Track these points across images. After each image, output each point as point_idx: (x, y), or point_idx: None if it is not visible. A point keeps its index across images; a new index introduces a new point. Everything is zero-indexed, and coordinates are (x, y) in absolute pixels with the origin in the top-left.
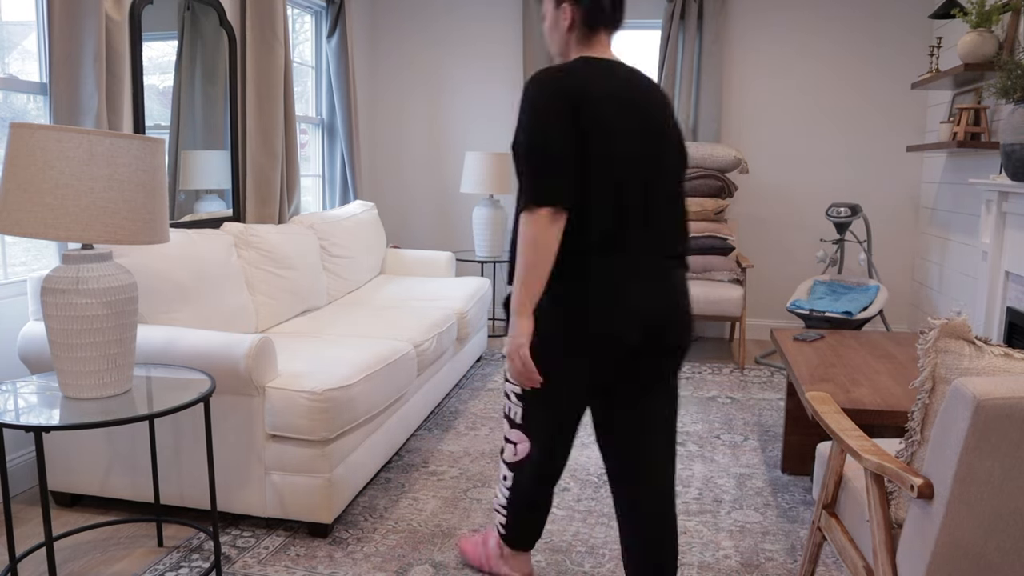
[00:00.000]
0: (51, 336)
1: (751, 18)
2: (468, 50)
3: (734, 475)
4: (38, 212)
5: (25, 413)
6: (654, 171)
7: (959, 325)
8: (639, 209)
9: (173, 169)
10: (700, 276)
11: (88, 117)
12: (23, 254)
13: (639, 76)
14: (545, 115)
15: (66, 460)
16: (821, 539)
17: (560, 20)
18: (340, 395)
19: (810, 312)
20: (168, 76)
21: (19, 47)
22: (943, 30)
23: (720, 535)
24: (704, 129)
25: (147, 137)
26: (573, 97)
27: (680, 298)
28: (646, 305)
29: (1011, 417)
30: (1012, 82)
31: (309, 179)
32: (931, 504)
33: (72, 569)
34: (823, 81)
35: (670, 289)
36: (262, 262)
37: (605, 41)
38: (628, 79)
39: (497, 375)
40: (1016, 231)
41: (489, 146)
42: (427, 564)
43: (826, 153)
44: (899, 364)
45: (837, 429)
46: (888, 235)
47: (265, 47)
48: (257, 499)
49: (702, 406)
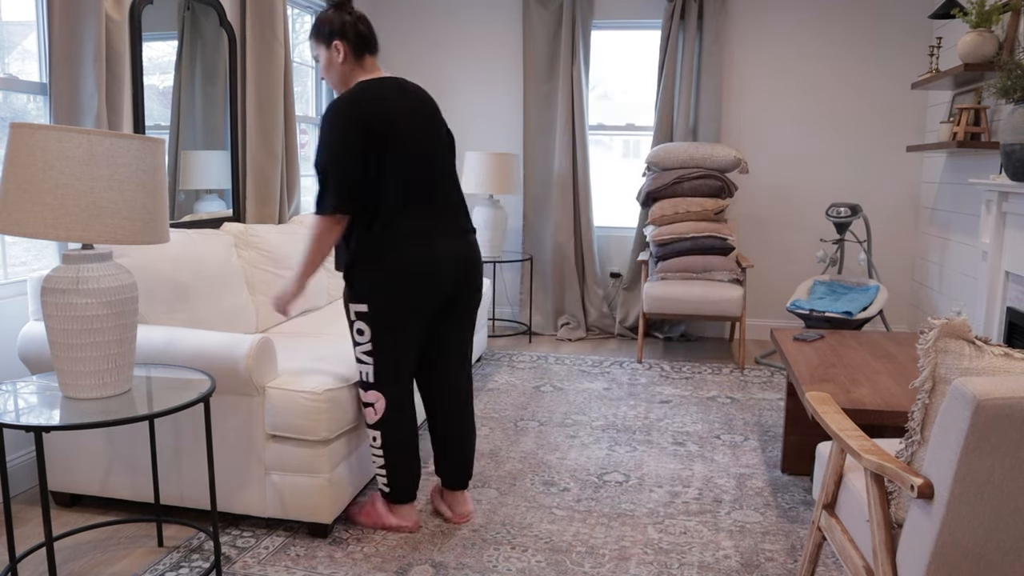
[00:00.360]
0: (51, 336)
1: (751, 18)
2: (468, 51)
3: (734, 475)
4: (38, 212)
5: (25, 413)
6: (433, 158)
7: (959, 325)
8: (425, 189)
9: (173, 169)
10: (700, 276)
11: (88, 117)
12: (23, 254)
13: (407, 83)
14: (341, 143)
15: (66, 460)
16: (821, 539)
17: (334, 57)
18: (340, 395)
19: (810, 312)
20: (168, 76)
21: (19, 47)
22: (943, 30)
23: (720, 535)
24: (704, 129)
25: (147, 137)
26: (363, 120)
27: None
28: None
29: (1011, 417)
30: (1012, 82)
31: (309, 179)
32: (931, 504)
33: (72, 569)
34: (823, 81)
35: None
36: (262, 262)
37: (372, 62)
38: (401, 87)
39: (497, 375)
40: (1016, 231)
41: (489, 146)
42: (427, 564)
43: (826, 153)
44: (899, 364)
45: (837, 429)
46: (888, 235)
47: (265, 47)
48: (257, 499)
49: (702, 406)
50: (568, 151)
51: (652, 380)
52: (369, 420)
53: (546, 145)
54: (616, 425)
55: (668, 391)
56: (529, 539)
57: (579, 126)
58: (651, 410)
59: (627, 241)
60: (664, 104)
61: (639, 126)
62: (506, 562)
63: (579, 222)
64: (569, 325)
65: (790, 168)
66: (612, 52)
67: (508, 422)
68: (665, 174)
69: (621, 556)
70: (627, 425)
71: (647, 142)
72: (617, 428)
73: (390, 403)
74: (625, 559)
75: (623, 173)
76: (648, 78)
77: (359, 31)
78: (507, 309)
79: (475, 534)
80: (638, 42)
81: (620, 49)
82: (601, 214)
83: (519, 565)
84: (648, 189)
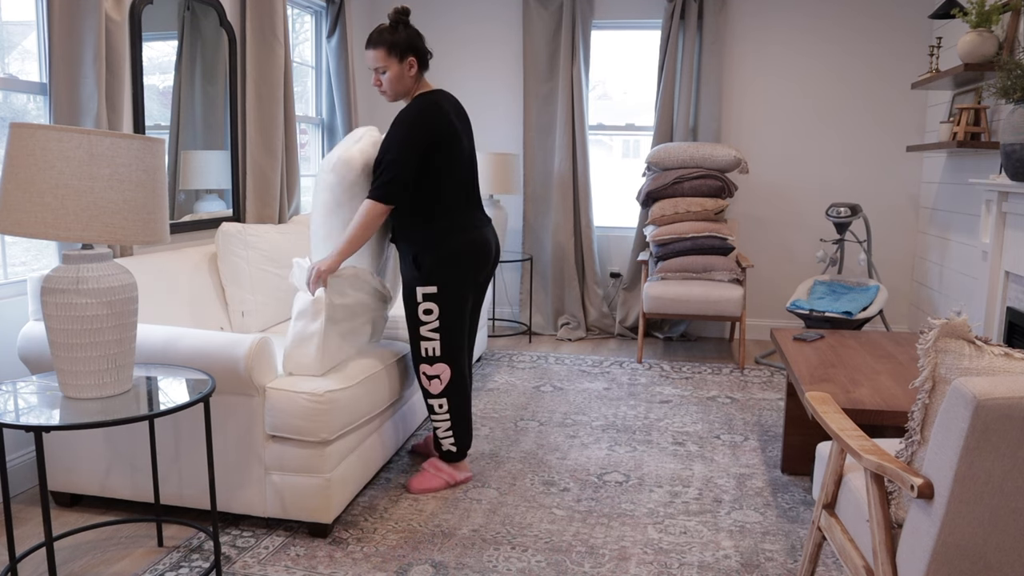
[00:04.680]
0: (51, 336)
1: (751, 18)
2: (468, 51)
3: (734, 475)
4: (38, 212)
5: (25, 413)
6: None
7: (959, 325)
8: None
9: (173, 169)
10: (700, 276)
11: (88, 117)
12: (23, 254)
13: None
14: (413, 145)
15: (66, 460)
16: (821, 539)
17: (406, 71)
18: (340, 396)
19: (810, 312)
20: (168, 76)
21: (19, 47)
22: (943, 30)
23: (720, 535)
24: (704, 129)
25: (147, 137)
26: (441, 125)
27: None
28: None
29: (1011, 417)
30: (1012, 82)
31: (309, 179)
32: (931, 504)
33: (72, 569)
34: (823, 81)
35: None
36: (262, 262)
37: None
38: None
39: (497, 375)
40: (1016, 231)
41: (489, 146)
42: (427, 564)
43: (826, 153)
44: (899, 364)
45: (837, 429)
46: (888, 235)
47: (265, 47)
48: (257, 499)
49: (702, 406)
50: (568, 151)
51: (652, 380)
52: (434, 391)
53: (546, 145)
54: (616, 425)
55: (668, 391)
56: (529, 539)
57: (579, 126)
58: (651, 410)
59: (627, 241)
60: (664, 104)
61: (639, 126)
62: (506, 562)
63: (579, 222)
64: (569, 325)
65: (790, 168)
66: (612, 52)
67: (508, 422)
68: (665, 174)
69: (621, 556)
70: (627, 425)
71: (647, 142)
72: (617, 428)
73: (455, 372)
74: (625, 559)
75: (623, 173)
76: (648, 78)
77: (425, 48)
78: (507, 309)
79: (475, 534)
80: (638, 42)
81: (620, 49)
82: (601, 214)
83: (519, 565)
84: (648, 189)
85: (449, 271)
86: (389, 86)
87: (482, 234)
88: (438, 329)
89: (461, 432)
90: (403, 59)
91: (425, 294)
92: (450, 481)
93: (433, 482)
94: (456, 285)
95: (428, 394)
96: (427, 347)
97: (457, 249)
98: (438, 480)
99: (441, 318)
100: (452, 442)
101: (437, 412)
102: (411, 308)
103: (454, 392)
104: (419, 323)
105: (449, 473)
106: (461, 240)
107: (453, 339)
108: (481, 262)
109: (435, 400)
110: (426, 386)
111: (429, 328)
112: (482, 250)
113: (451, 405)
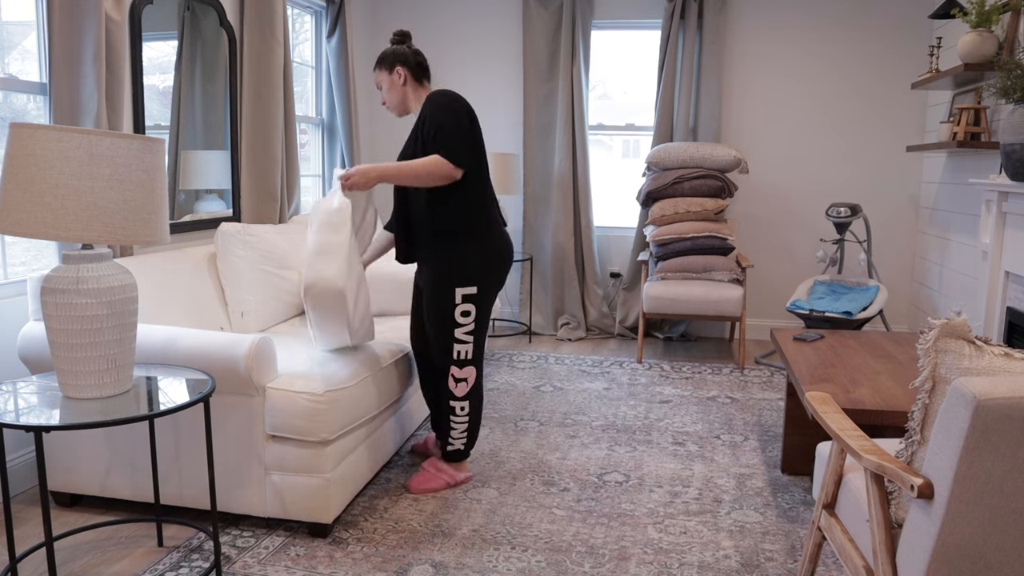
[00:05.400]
0: (51, 336)
1: (751, 18)
2: (468, 51)
3: (734, 475)
4: (38, 212)
5: (25, 413)
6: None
7: (959, 325)
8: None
9: (173, 169)
10: (700, 276)
11: (88, 117)
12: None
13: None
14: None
15: (66, 460)
16: (821, 539)
17: (396, 80)
18: (340, 396)
19: (810, 312)
20: (168, 76)
21: (19, 47)
22: (943, 30)
23: (720, 535)
24: (704, 129)
25: (147, 137)
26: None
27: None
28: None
29: (1011, 417)
30: (1012, 82)
31: (309, 179)
32: (931, 504)
33: (72, 569)
34: (823, 81)
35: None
36: (261, 262)
37: (428, 85)
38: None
39: (498, 375)
40: (1016, 231)
41: (489, 146)
42: (427, 564)
43: (826, 153)
44: (899, 364)
45: (837, 429)
46: (888, 235)
47: (265, 47)
48: (257, 499)
49: (702, 406)
50: (568, 151)
51: (652, 380)
52: (459, 393)
53: (546, 145)
54: (616, 425)
55: (668, 391)
56: (529, 539)
57: (579, 126)
58: (651, 410)
59: (627, 241)
60: (664, 104)
61: (639, 126)
62: (506, 562)
63: (579, 222)
64: (569, 325)
65: (790, 168)
66: (612, 52)
67: (508, 422)
68: (665, 174)
69: (621, 556)
70: (627, 425)
71: (647, 142)
72: (617, 428)
73: (479, 375)
74: (625, 559)
75: (623, 173)
76: (648, 78)
77: (418, 60)
78: (507, 309)
79: (475, 534)
80: (638, 42)
81: (620, 49)
82: (601, 214)
83: (519, 565)
84: (648, 189)
85: (488, 271)
86: (387, 98)
87: (507, 233)
88: (473, 332)
89: (475, 433)
90: (391, 70)
91: (465, 295)
92: (450, 481)
93: (433, 482)
94: (491, 285)
95: (452, 396)
96: (460, 350)
97: (497, 246)
98: (438, 480)
99: (477, 320)
100: (464, 441)
101: (458, 414)
102: (446, 310)
103: (475, 395)
104: (455, 325)
105: (449, 473)
106: (498, 239)
107: (482, 341)
108: (510, 261)
109: (459, 403)
110: (452, 388)
111: (465, 331)
112: (510, 249)
113: (471, 407)
